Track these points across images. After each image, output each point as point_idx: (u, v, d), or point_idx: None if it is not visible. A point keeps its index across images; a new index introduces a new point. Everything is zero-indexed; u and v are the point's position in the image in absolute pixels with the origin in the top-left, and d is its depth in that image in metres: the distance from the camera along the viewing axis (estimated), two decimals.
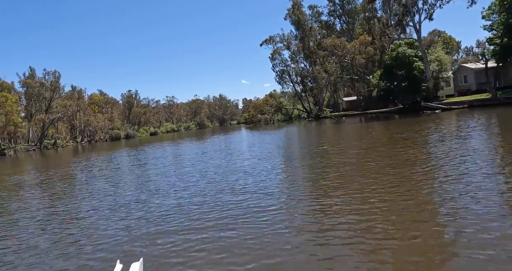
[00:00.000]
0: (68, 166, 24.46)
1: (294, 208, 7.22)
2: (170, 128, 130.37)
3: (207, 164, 14.98)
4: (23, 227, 7.79)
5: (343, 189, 8.39)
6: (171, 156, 23.41)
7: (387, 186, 8.13)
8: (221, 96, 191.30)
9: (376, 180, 8.77)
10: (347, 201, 7.27)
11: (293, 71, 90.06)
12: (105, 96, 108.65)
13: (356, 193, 7.78)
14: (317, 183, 9.44)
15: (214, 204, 7.95)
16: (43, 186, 14.86)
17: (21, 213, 9.41)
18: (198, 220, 6.82)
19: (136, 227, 6.71)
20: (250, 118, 78.53)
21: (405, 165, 10.38)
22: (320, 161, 12.95)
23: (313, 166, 12.11)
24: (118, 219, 7.51)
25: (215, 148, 24.07)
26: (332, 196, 7.82)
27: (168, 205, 8.41)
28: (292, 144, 21.87)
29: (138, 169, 17.17)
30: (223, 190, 9.41)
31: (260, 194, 8.65)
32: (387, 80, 42.78)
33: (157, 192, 10.19)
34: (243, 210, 7.24)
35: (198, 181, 11.20)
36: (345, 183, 8.95)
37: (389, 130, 23.01)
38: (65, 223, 7.77)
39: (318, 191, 8.60)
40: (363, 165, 11.02)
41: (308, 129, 38.00)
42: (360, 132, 24.96)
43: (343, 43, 56.17)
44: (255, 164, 13.51)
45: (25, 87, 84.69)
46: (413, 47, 43.84)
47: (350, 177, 9.62)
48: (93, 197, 10.49)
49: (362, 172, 10.17)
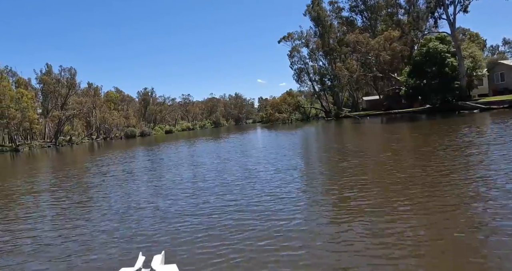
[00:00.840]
0: (84, 165, 22.67)
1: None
2: (186, 127, 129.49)
3: (223, 175, 12.53)
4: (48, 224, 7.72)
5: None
6: (187, 160, 21.30)
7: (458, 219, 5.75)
8: (237, 94, 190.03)
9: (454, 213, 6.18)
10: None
11: (311, 69, 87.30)
12: (121, 93, 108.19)
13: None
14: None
15: (236, 206, 7.52)
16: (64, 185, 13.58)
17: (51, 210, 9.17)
18: (219, 220, 6.57)
19: (159, 222, 6.72)
20: (268, 117, 76.05)
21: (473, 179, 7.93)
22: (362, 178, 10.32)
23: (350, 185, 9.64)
24: (142, 213, 7.61)
25: (230, 154, 21.75)
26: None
27: (188, 204, 8.13)
28: (318, 153, 18.90)
29: (156, 170, 15.97)
30: (244, 197, 8.46)
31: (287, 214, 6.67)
32: (416, 78, 39.72)
33: (176, 193, 9.65)
34: (266, 212, 6.84)
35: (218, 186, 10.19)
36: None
37: (433, 132, 20.22)
38: (91, 216, 7.87)
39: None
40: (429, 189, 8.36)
41: (331, 131, 33.93)
42: (395, 134, 22.13)
43: (367, 39, 53.13)
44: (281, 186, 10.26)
45: (41, 83, 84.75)
46: (445, 42, 40.63)
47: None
48: (113, 198, 10.04)
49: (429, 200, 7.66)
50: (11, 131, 68.91)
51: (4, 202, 11.05)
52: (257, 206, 7.31)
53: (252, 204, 7.51)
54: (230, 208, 7.26)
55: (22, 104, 66.64)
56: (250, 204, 7.53)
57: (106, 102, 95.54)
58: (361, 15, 77.26)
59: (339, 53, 72.35)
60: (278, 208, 6.98)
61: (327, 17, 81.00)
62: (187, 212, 7.27)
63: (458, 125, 21.74)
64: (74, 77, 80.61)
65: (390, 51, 51.13)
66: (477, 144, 13.02)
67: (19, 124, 69.04)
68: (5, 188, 14.19)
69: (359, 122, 46.16)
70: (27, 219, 8.18)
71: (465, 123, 23.22)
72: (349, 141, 20.25)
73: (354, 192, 7.88)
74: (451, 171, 8.94)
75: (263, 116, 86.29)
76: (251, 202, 7.65)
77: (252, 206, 7.30)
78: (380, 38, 52.50)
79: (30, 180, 16.48)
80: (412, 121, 33.05)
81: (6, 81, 73.01)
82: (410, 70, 41.39)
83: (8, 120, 66.91)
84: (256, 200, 7.83)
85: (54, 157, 37.65)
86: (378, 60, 52.57)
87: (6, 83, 70.27)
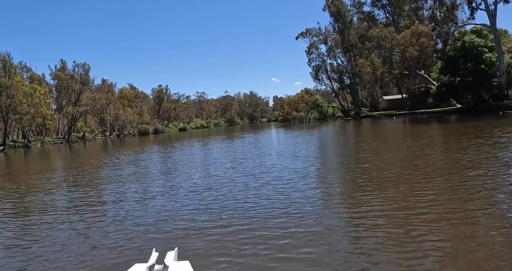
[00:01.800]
0: (88, 165, 20.55)
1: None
2: (200, 124, 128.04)
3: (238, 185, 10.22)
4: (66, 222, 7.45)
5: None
6: (200, 160, 18.99)
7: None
8: (251, 93, 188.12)
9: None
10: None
11: (329, 66, 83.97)
12: (135, 90, 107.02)
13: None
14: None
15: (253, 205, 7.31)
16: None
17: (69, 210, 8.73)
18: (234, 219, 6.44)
19: (173, 220, 6.70)
20: (284, 116, 73.07)
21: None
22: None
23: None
24: (156, 210, 7.56)
25: (246, 160, 19.25)
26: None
27: (204, 203, 7.95)
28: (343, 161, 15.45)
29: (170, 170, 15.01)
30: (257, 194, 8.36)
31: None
32: (450, 74, 36.30)
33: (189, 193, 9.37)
34: (283, 210, 6.75)
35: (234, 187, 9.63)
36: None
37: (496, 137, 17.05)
38: (106, 213, 7.87)
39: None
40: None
41: (363, 133, 29.22)
42: (450, 139, 18.31)
43: (392, 34, 49.72)
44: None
45: (56, 79, 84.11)
46: (481, 36, 37.10)
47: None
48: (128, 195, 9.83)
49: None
50: (24, 127, 68.10)
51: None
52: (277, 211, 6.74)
53: (272, 207, 7.05)
54: (247, 209, 7.01)
55: (34, 100, 65.69)
56: (269, 206, 7.09)
57: (120, 99, 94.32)
58: (384, 10, 73.64)
59: (360, 49, 68.86)
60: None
61: (348, 12, 77.53)
62: (201, 212, 7.12)
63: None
64: (88, 73, 79.56)
65: (418, 47, 47.65)
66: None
67: (31, 119, 68.22)
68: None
69: (383, 122, 42.86)
70: (40, 222, 7.72)
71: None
72: (392, 147, 16.43)
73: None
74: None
75: (280, 114, 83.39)
76: (268, 203, 7.32)
77: (270, 209, 6.85)
78: (407, 32, 49.05)
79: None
80: (449, 122, 29.72)
81: (20, 76, 72.39)
82: (443, 66, 37.97)
83: (20, 116, 66.15)
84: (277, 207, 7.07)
85: (59, 154, 35.90)
86: (404, 56, 49.13)
87: (19, 78, 69.54)
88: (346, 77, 79.99)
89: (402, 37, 49.07)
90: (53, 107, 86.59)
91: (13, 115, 65.62)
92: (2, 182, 15.03)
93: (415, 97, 59.98)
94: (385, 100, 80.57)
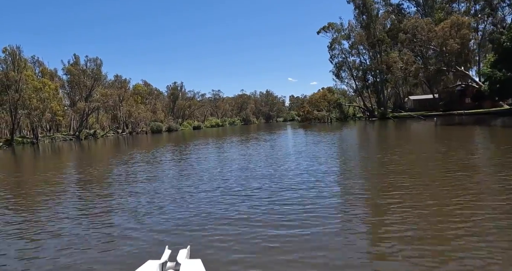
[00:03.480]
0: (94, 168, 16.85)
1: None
2: (215, 123, 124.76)
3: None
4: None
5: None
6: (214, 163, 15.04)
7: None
8: (268, 92, 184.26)
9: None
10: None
11: (352, 63, 78.82)
12: (148, 87, 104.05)
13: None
14: None
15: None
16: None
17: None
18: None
19: (187, 219, 6.70)
20: (304, 115, 68.16)
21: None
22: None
23: None
24: (170, 211, 7.42)
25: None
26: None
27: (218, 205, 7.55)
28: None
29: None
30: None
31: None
32: (507, 69, 31.12)
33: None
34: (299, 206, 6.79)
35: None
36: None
37: None
38: (121, 210, 7.76)
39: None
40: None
41: (404, 137, 23.40)
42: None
43: (429, 25, 44.53)
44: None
45: (68, 74, 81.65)
46: None
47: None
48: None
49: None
50: (32, 122, 65.56)
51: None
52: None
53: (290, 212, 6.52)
54: (263, 213, 6.65)
55: (43, 94, 62.97)
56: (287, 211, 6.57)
57: (133, 95, 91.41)
58: (414, 1, 68.11)
59: (387, 44, 63.63)
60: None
61: (374, 4, 72.19)
62: (216, 213, 6.95)
63: None
64: (100, 67, 76.60)
65: (459, 39, 42.39)
66: None
67: (41, 115, 65.62)
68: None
69: (423, 123, 37.79)
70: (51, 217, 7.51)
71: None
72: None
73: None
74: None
75: (298, 114, 78.60)
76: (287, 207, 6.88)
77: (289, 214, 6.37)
78: (446, 23, 43.79)
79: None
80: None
81: (30, 71, 69.98)
82: (496, 60, 32.76)
83: (29, 111, 63.62)
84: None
85: (59, 154, 32.44)
86: (442, 50, 43.92)
87: (29, 72, 67.03)
88: (371, 74, 74.88)
89: (440, 28, 43.84)
90: (67, 103, 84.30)
91: (22, 110, 63.17)
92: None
93: (451, 97, 54.52)
94: (412, 100, 75.03)
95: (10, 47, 65.97)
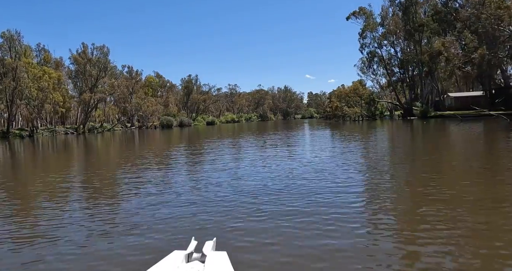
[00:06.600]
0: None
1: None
2: (230, 118, 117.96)
3: None
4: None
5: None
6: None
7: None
8: (286, 88, 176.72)
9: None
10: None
11: (386, 54, 70.08)
12: (161, 78, 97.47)
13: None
14: None
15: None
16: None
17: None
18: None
19: (215, 210, 6.42)
20: (332, 111, 59.72)
21: None
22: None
23: None
24: (197, 203, 7.11)
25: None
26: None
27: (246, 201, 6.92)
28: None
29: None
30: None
31: None
32: None
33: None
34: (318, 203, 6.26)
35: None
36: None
37: None
38: (147, 200, 7.38)
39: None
40: None
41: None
42: None
43: (499, 2, 35.71)
44: None
45: (75, 63, 75.74)
46: None
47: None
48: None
49: None
50: (30, 114, 59.72)
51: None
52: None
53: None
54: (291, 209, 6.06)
55: (42, 83, 56.86)
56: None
57: (143, 87, 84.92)
58: None
59: (432, 30, 54.73)
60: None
61: None
62: (244, 207, 6.50)
63: None
64: (107, 56, 70.14)
65: None
66: None
67: (40, 106, 59.70)
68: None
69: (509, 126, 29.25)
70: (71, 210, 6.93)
71: None
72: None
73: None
74: None
75: (325, 110, 70.26)
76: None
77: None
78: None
79: None
80: None
81: (31, 58, 64.14)
82: None
83: (27, 101, 57.74)
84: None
85: (40, 153, 25.68)
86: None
87: (29, 60, 61.11)
88: (408, 67, 66.11)
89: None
90: (73, 94, 78.64)
91: (19, 100, 57.34)
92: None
93: (509, 94, 45.45)
94: (452, 97, 65.82)
95: (8, 31, 60.27)
